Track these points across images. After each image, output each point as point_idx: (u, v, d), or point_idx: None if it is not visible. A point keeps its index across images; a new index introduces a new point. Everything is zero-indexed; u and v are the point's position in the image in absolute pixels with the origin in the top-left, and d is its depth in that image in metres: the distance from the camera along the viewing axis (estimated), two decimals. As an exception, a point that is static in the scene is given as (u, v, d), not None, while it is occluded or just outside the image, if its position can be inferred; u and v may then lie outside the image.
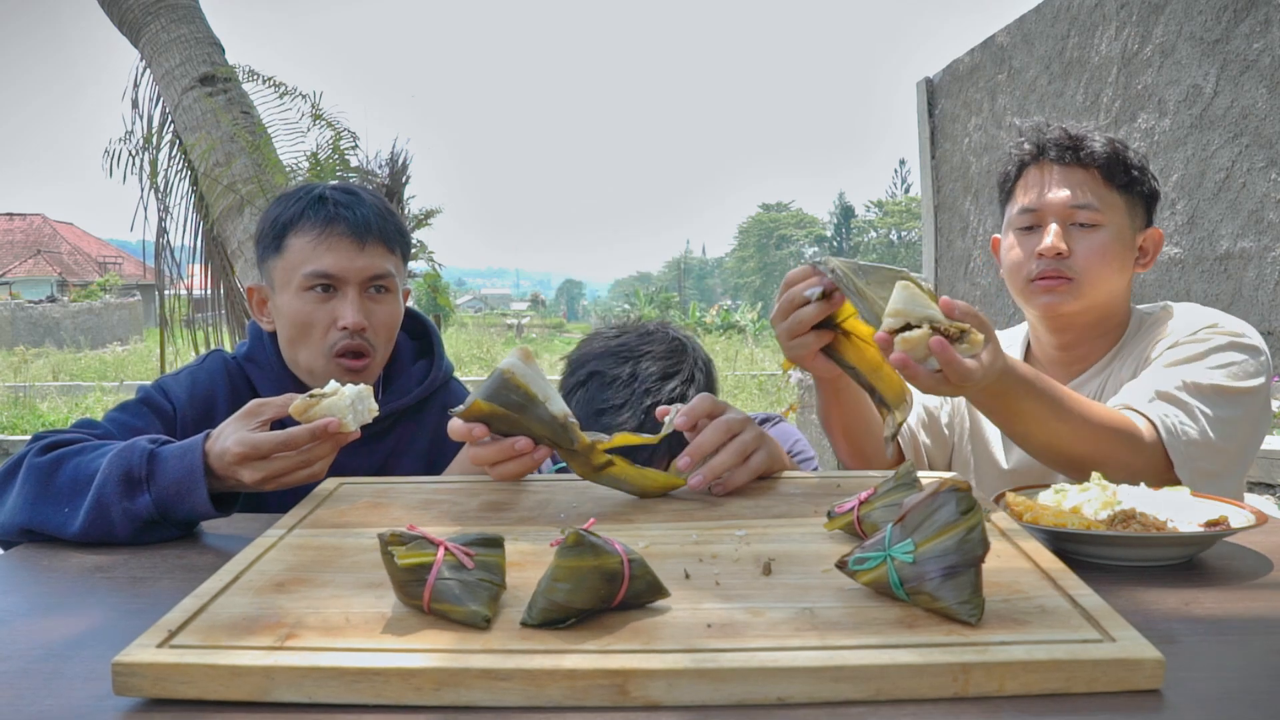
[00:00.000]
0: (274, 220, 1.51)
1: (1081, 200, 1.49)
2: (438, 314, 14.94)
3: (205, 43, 5.13)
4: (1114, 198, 1.51)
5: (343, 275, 1.46)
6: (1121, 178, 1.50)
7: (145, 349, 17.61)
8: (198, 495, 1.13)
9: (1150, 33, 3.70)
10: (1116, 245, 1.50)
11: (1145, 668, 0.68)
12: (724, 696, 0.67)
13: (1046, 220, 1.52)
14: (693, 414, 1.16)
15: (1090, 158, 1.50)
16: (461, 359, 15.25)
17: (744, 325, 22.15)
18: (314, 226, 1.47)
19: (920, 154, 6.02)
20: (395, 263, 1.53)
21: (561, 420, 1.09)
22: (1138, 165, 1.52)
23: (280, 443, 1.12)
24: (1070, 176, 1.51)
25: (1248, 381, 1.39)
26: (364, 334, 1.47)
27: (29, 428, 9.13)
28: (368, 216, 1.48)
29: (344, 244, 1.46)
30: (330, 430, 1.13)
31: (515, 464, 1.13)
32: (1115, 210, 1.51)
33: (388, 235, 1.51)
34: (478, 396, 1.09)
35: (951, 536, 0.76)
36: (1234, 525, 1.01)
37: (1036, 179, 1.54)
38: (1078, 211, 1.50)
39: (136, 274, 27.08)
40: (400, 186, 5.10)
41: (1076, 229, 1.51)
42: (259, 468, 1.13)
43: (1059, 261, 1.50)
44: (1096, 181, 1.50)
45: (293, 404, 1.15)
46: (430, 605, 0.75)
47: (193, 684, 0.68)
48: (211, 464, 1.15)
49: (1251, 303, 3.21)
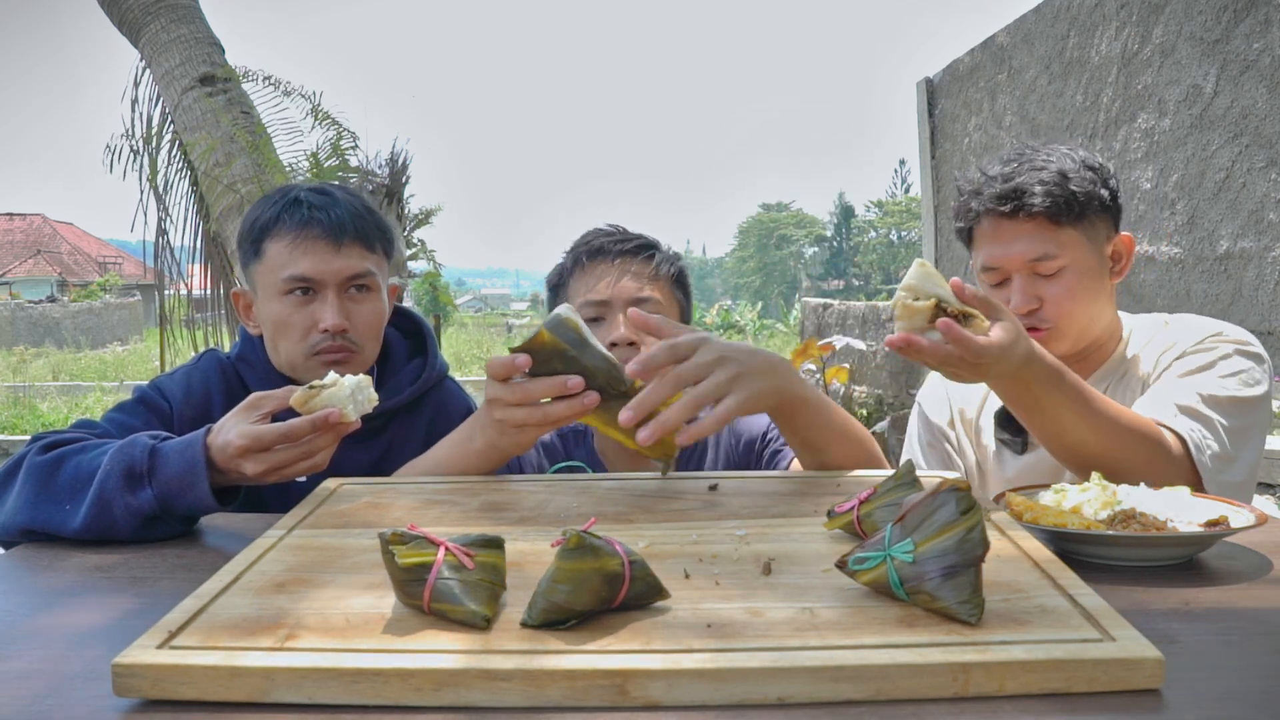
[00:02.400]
0: (251, 224, 1.51)
1: (1037, 252, 1.47)
2: (438, 314, 14.93)
3: (205, 43, 5.13)
4: (1068, 234, 1.48)
5: (320, 278, 1.46)
6: (1069, 213, 1.47)
7: (145, 349, 17.61)
8: (199, 489, 1.14)
9: (1150, 33, 3.70)
10: (1084, 279, 1.48)
11: (1145, 667, 0.68)
12: (724, 696, 0.67)
13: (1008, 275, 1.50)
14: (648, 364, 1.08)
15: (1030, 209, 1.46)
16: (461, 359, 15.26)
17: (744, 325, 22.15)
18: (289, 230, 1.46)
19: (920, 154, 6.02)
20: (376, 261, 1.53)
21: (614, 360, 1.10)
22: (1084, 190, 1.47)
23: (282, 434, 1.13)
24: (1020, 229, 1.48)
25: (1256, 389, 1.40)
26: (346, 335, 1.47)
27: (29, 428, 9.13)
28: (343, 217, 1.47)
29: (320, 246, 1.46)
30: (331, 421, 1.13)
31: (566, 406, 1.10)
32: (1073, 246, 1.48)
33: (365, 234, 1.50)
34: (541, 327, 1.09)
35: (951, 536, 0.76)
36: (1234, 525, 1.02)
37: (990, 232, 1.52)
38: (1036, 264, 1.48)
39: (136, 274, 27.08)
40: (400, 186, 5.10)
41: (1040, 279, 1.49)
42: (261, 460, 1.14)
43: (1033, 318, 1.49)
44: (1044, 227, 1.47)
45: (293, 396, 1.15)
46: (430, 605, 0.75)
47: (193, 685, 0.68)
48: (213, 457, 1.16)
49: (1251, 303, 3.21)
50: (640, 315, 1.15)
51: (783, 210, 66.16)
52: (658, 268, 1.53)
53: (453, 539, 0.80)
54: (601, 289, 1.49)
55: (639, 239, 1.56)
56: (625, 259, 1.52)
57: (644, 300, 1.48)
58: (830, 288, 55.40)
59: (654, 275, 1.52)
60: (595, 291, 1.49)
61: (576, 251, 1.56)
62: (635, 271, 1.51)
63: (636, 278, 1.50)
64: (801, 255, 64.02)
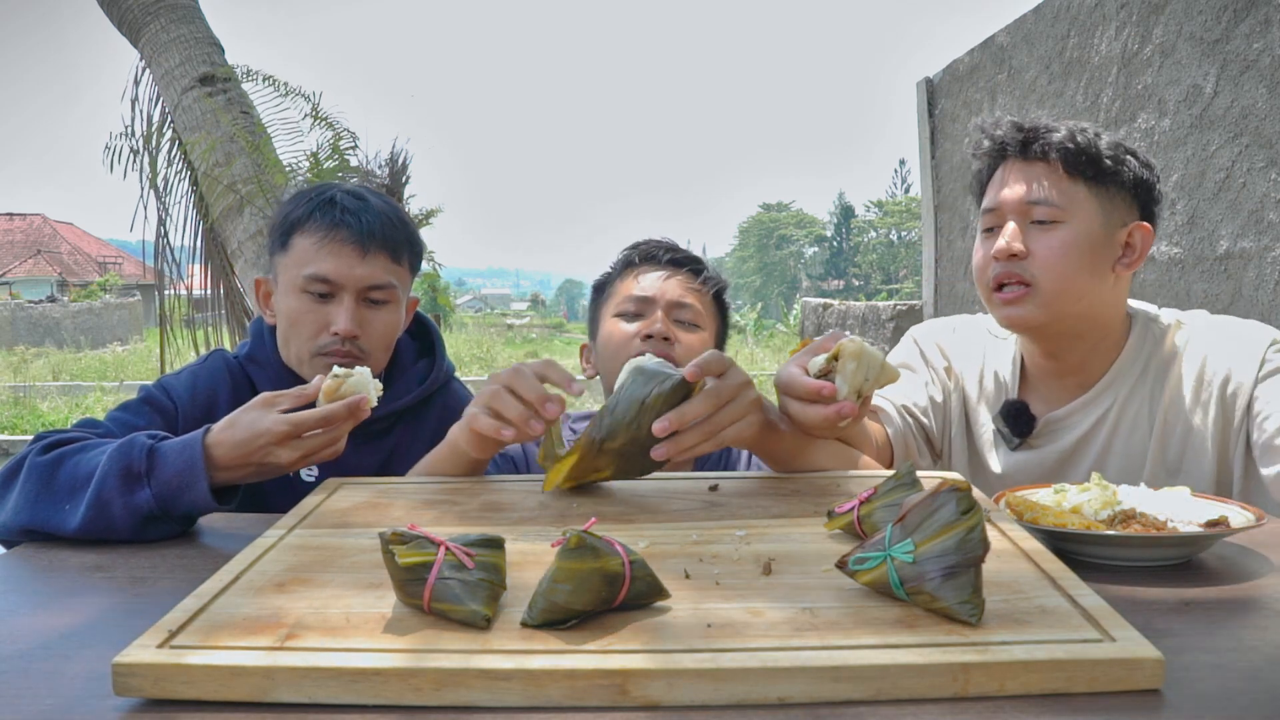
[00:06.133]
0: (284, 217, 1.53)
1: (1038, 195, 1.39)
2: (438, 314, 14.94)
3: (205, 43, 5.12)
4: (1079, 190, 1.39)
5: (341, 281, 1.47)
6: (1088, 169, 1.39)
7: (145, 349, 17.60)
8: (198, 489, 1.15)
9: (1150, 33, 3.70)
10: (1082, 244, 1.39)
11: (1145, 667, 0.68)
12: (724, 696, 0.67)
13: (1004, 220, 1.43)
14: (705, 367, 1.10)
15: (1046, 149, 1.39)
16: (461, 359, 15.26)
17: (744, 325, 22.14)
18: (319, 229, 1.48)
19: (920, 154, 6.02)
20: (400, 274, 1.53)
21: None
22: (1111, 153, 1.39)
23: (322, 419, 1.18)
24: (1029, 171, 1.41)
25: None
26: (356, 341, 1.47)
27: (29, 428, 9.13)
28: (373, 225, 1.48)
29: (346, 250, 1.46)
30: (362, 407, 1.19)
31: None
32: (1081, 205, 1.39)
33: (394, 245, 1.51)
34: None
35: (951, 536, 0.76)
36: (1234, 525, 1.02)
37: (999, 178, 1.46)
38: (1034, 208, 1.40)
39: (136, 274, 27.07)
40: (400, 186, 5.09)
41: (1036, 227, 1.40)
42: (296, 446, 1.18)
43: (1015, 264, 1.40)
44: (1057, 175, 1.39)
45: (324, 385, 1.20)
46: (430, 605, 0.75)
47: (193, 684, 0.68)
48: (214, 456, 1.16)
49: (1252, 303, 3.21)
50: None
51: (783, 210, 66.14)
52: (704, 282, 1.59)
53: (453, 539, 0.80)
54: (647, 285, 1.55)
55: (689, 254, 1.63)
56: (674, 267, 1.59)
57: (685, 305, 1.54)
58: (830, 288, 55.40)
59: (698, 287, 1.58)
60: (641, 288, 1.55)
61: (629, 254, 1.62)
62: (682, 280, 1.57)
63: (682, 285, 1.57)
64: (801, 255, 64.02)
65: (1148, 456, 1.46)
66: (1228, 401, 1.40)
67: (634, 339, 1.50)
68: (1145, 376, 1.47)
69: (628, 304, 1.55)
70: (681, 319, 1.54)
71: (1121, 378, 1.48)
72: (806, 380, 1.11)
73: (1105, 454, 1.48)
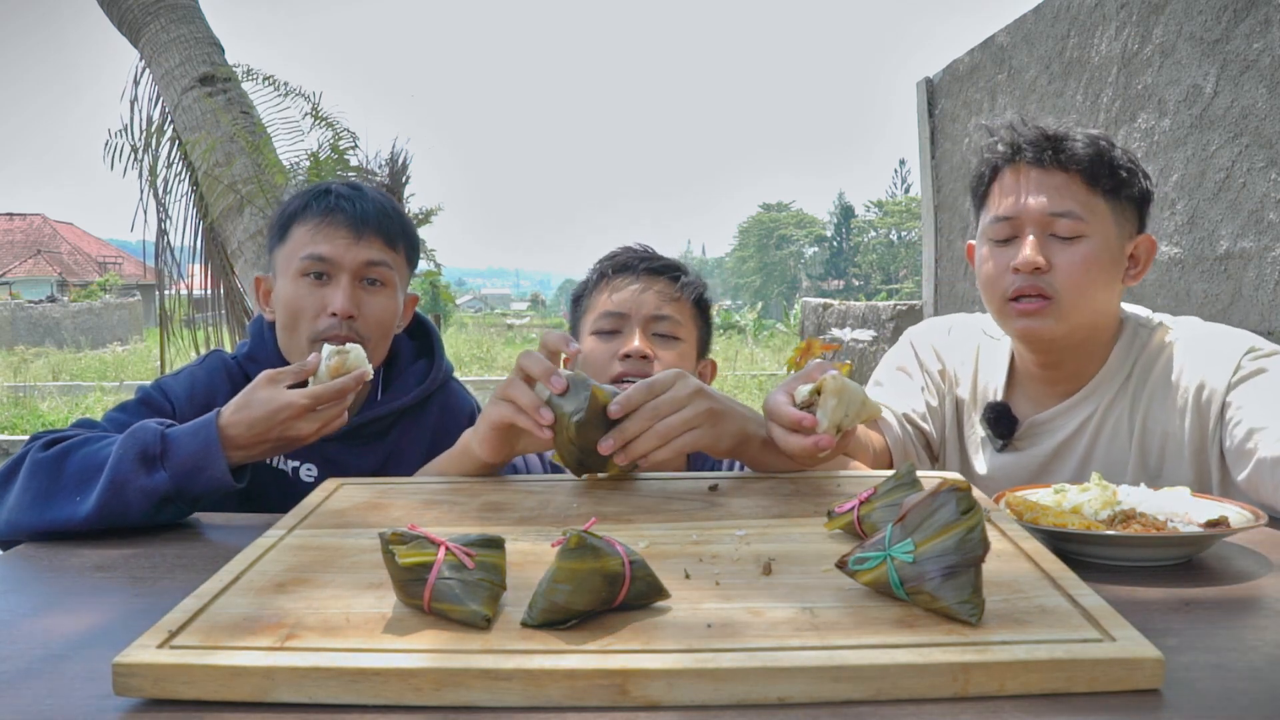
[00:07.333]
0: (281, 211, 1.57)
1: (1061, 207, 1.35)
2: (438, 314, 14.93)
3: (205, 43, 5.12)
4: (1099, 204, 1.37)
5: (337, 261, 1.48)
6: (1108, 181, 1.37)
7: (145, 349, 17.60)
8: (217, 467, 1.20)
9: (1150, 33, 3.70)
10: (1103, 258, 1.37)
11: (1145, 667, 0.68)
12: (724, 696, 0.67)
13: (1023, 230, 1.38)
14: (627, 404, 1.10)
15: (1072, 159, 1.35)
16: (461, 359, 15.26)
17: (744, 325, 22.14)
18: (314, 215, 1.51)
19: (920, 154, 6.02)
20: (395, 259, 1.54)
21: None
22: (1126, 165, 1.38)
23: (337, 390, 1.25)
24: (1049, 180, 1.37)
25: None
26: (353, 323, 1.48)
27: (29, 428, 9.12)
28: (367, 210, 1.51)
29: (341, 233, 1.49)
30: (365, 380, 1.28)
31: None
32: (1101, 218, 1.37)
33: (389, 231, 1.53)
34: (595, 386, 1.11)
35: (951, 536, 0.76)
36: (1234, 525, 1.02)
37: (1012, 183, 1.40)
38: (1057, 220, 1.36)
39: (136, 274, 27.06)
40: (400, 186, 5.09)
41: (1056, 240, 1.37)
42: (314, 418, 1.24)
43: (1037, 277, 1.37)
44: (1079, 186, 1.36)
45: (331, 362, 1.27)
46: (430, 605, 0.75)
47: (193, 684, 0.68)
48: (229, 436, 1.22)
49: (1252, 303, 3.21)
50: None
51: (783, 210, 66.14)
52: (681, 289, 1.54)
53: (453, 539, 0.80)
54: (622, 300, 1.50)
55: (665, 260, 1.58)
56: (650, 277, 1.54)
57: (663, 318, 1.50)
58: (830, 288, 55.39)
59: (676, 296, 1.53)
60: (616, 304, 1.51)
61: (602, 265, 1.58)
62: (659, 290, 1.52)
63: (659, 295, 1.52)
64: (801, 255, 64.02)
65: (1129, 462, 1.45)
66: (1203, 408, 1.38)
67: (613, 360, 1.46)
68: (1129, 382, 1.46)
69: (604, 320, 1.50)
70: (660, 331, 1.50)
71: (1106, 383, 1.47)
72: (789, 410, 1.11)
73: (1087, 459, 1.47)
